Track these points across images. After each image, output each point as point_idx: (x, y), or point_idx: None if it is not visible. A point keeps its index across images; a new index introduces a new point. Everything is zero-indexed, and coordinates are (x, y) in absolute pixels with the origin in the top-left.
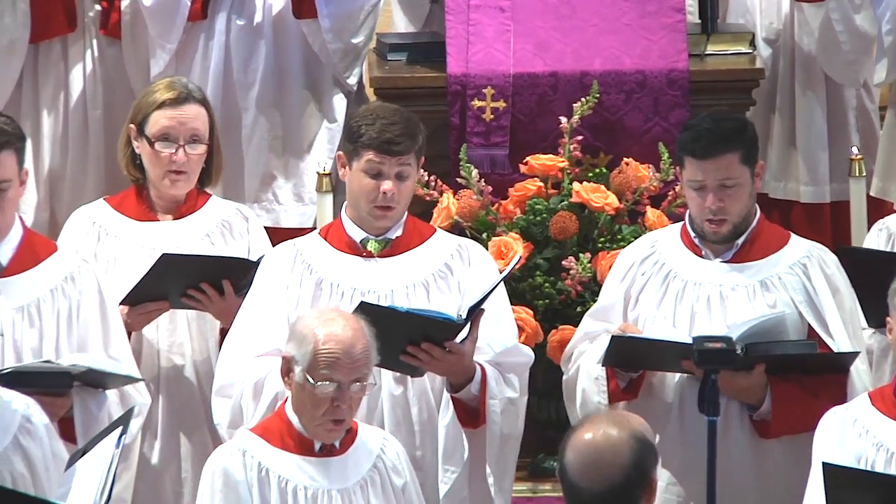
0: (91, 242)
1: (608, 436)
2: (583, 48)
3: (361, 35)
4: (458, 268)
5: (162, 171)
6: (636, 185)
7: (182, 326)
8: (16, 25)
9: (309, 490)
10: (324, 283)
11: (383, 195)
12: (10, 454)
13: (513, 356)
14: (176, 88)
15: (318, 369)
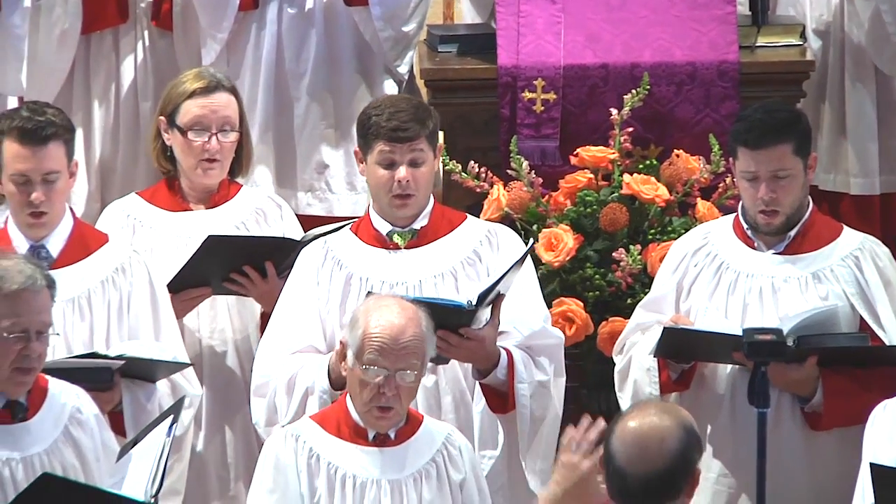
0: (126, 235)
1: (655, 424)
2: (633, 40)
3: (412, 23)
4: (486, 254)
5: (195, 160)
6: (686, 176)
7: (223, 313)
8: (67, 17)
9: (358, 479)
10: (353, 279)
11: (398, 184)
12: (61, 445)
13: (542, 339)
14: (205, 77)
15: (365, 354)
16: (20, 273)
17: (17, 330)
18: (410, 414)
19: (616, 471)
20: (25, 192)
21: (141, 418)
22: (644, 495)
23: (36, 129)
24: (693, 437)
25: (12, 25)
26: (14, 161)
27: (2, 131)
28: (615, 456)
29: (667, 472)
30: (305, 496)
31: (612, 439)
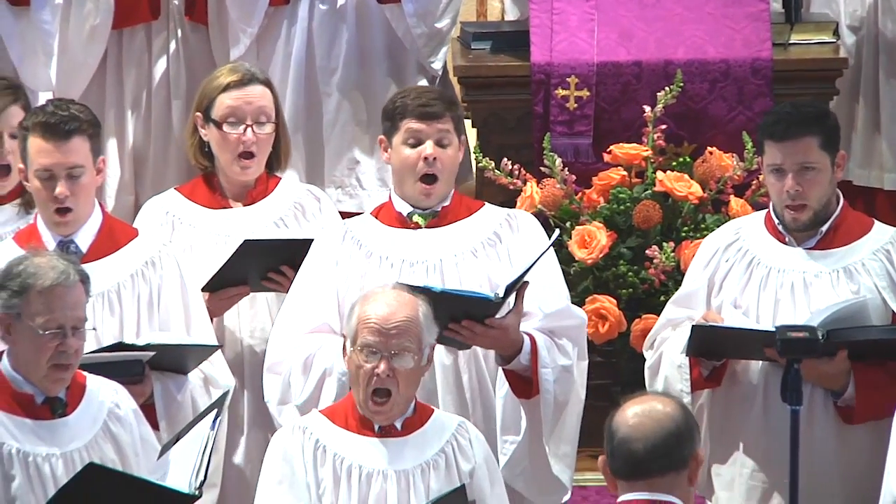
0: (165, 233)
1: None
2: (666, 37)
3: (446, 19)
4: (506, 236)
5: (231, 154)
6: (720, 174)
7: (263, 310)
8: (98, 12)
9: (364, 469)
10: (372, 256)
11: (425, 161)
12: (100, 441)
13: (564, 319)
14: (239, 71)
15: (359, 338)
16: (53, 269)
17: (52, 326)
18: (419, 406)
19: (620, 442)
20: (50, 188)
21: (173, 410)
22: (652, 458)
23: (59, 123)
24: (692, 416)
25: (41, 21)
26: (38, 156)
27: (26, 127)
28: (617, 431)
29: (673, 436)
30: (311, 487)
31: (613, 421)
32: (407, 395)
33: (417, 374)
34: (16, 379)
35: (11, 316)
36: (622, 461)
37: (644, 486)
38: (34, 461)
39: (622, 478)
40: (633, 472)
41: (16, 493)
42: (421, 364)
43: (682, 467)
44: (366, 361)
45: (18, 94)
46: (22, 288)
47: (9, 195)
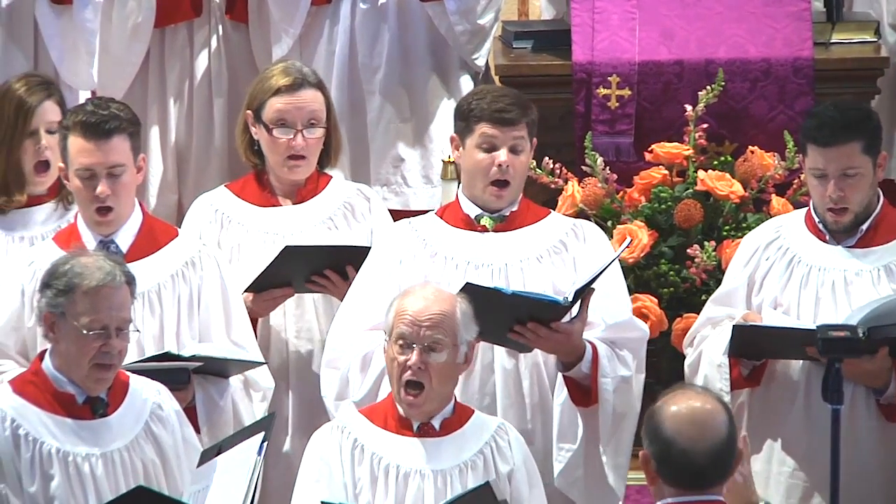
0: (215, 230)
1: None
2: (708, 36)
3: (488, 15)
4: (572, 244)
5: (281, 157)
6: (761, 173)
7: (309, 310)
8: (140, 10)
9: (401, 469)
10: (437, 257)
11: (498, 168)
12: (142, 441)
13: (626, 331)
14: (291, 74)
15: (394, 330)
16: (99, 270)
17: (96, 327)
18: (459, 406)
19: (680, 453)
20: (91, 187)
21: (214, 414)
22: (711, 471)
23: (99, 122)
24: (730, 410)
25: (84, 20)
26: (79, 155)
27: (67, 127)
28: (676, 440)
29: (726, 443)
30: (348, 486)
31: (664, 426)
32: (441, 390)
33: (453, 370)
34: (57, 378)
35: (56, 315)
36: (680, 472)
37: (698, 493)
38: (74, 461)
39: (675, 486)
40: (691, 483)
41: (55, 493)
42: (456, 360)
43: (730, 471)
44: (399, 353)
45: (52, 90)
46: (67, 287)
47: (47, 193)
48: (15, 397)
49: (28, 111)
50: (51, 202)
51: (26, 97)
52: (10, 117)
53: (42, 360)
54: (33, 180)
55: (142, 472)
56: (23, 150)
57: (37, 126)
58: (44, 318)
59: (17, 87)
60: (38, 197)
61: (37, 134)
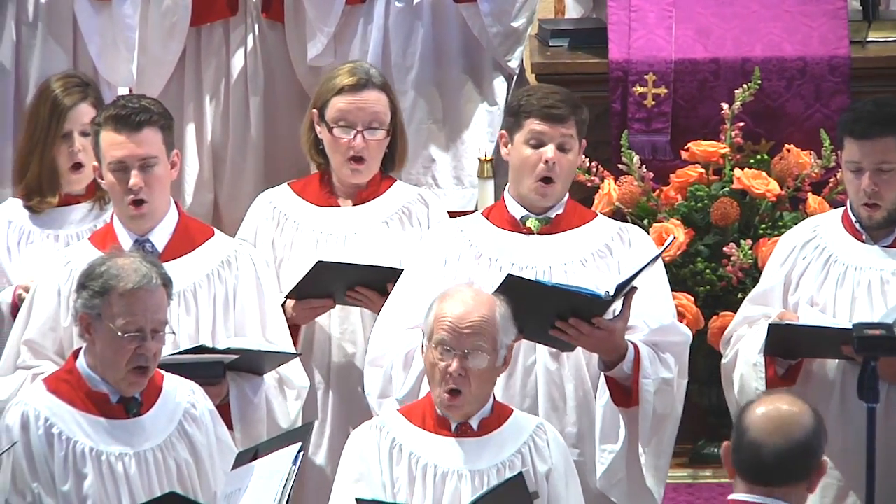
0: (270, 227)
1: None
2: (744, 34)
3: (522, 18)
4: (617, 249)
5: (342, 157)
6: (797, 171)
7: (355, 314)
8: (177, 8)
9: (439, 468)
10: (482, 258)
11: (545, 164)
12: (175, 441)
13: (669, 335)
14: (356, 74)
15: (434, 335)
16: (136, 272)
17: (132, 329)
18: (497, 406)
19: (750, 443)
20: (124, 180)
21: (248, 411)
22: (777, 468)
23: (130, 114)
24: (821, 424)
25: (123, 15)
26: (111, 149)
27: (99, 123)
28: (749, 429)
29: (801, 447)
30: (387, 485)
31: (745, 417)
32: (480, 393)
33: (492, 373)
34: (91, 378)
35: (91, 316)
36: (748, 463)
37: (763, 491)
38: (107, 460)
39: (745, 477)
40: (756, 476)
41: (87, 492)
42: (496, 364)
43: (804, 478)
44: (440, 359)
45: (88, 92)
46: (104, 289)
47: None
48: (49, 396)
49: (62, 113)
50: (87, 202)
51: (61, 98)
52: (44, 118)
53: (76, 359)
54: (69, 179)
55: (175, 471)
56: (56, 151)
57: (70, 128)
58: (80, 319)
59: (55, 86)
60: (75, 196)
61: (70, 136)
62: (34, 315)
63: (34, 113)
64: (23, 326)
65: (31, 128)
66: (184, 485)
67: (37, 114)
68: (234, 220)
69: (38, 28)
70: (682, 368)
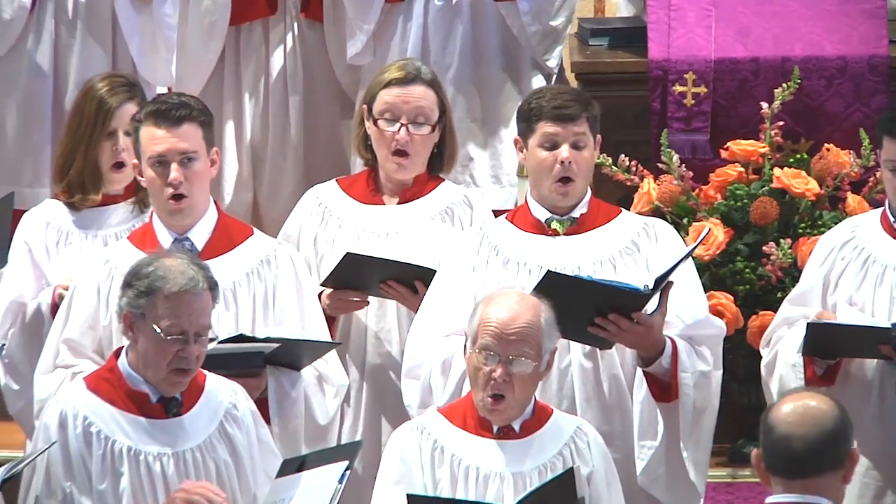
0: (314, 224)
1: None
2: (784, 33)
3: (561, 17)
4: (644, 245)
5: (386, 150)
6: (837, 170)
7: (391, 312)
8: (216, 7)
9: (481, 471)
10: (510, 263)
11: (561, 165)
12: (215, 441)
13: (704, 328)
14: (405, 69)
15: (479, 339)
16: (182, 275)
17: (175, 331)
18: (538, 407)
19: (780, 439)
20: (164, 175)
21: (285, 405)
22: (810, 458)
23: (170, 109)
24: (845, 413)
25: (163, 15)
26: (151, 143)
27: (139, 120)
28: (776, 426)
29: (831, 434)
30: (428, 487)
31: (770, 416)
32: (523, 398)
33: (535, 378)
34: (132, 377)
35: (135, 315)
36: (780, 459)
37: (800, 486)
38: (145, 459)
39: (779, 475)
40: (791, 470)
41: (125, 492)
42: (539, 370)
43: (839, 466)
44: (484, 364)
45: (135, 92)
46: (149, 289)
47: (123, 193)
48: (88, 394)
49: (108, 112)
50: (126, 203)
51: (107, 97)
52: (90, 116)
53: (117, 358)
54: (110, 178)
55: (214, 472)
56: (100, 149)
57: (115, 127)
58: (123, 317)
59: (100, 86)
60: (114, 196)
61: (115, 135)
62: (73, 314)
63: (78, 111)
64: (62, 325)
65: (74, 125)
66: (223, 486)
67: (81, 112)
68: (273, 220)
69: (78, 27)
70: (717, 360)
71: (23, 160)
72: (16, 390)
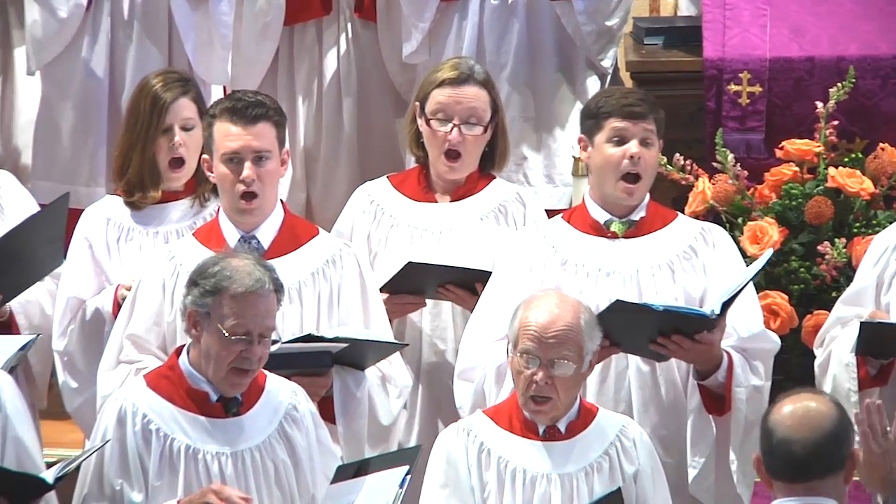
0: (367, 221)
1: (814, 401)
2: (839, 33)
3: (616, 17)
4: (702, 250)
5: (438, 150)
6: (892, 170)
7: (446, 312)
8: (270, 8)
9: (528, 473)
10: (568, 264)
11: (630, 160)
12: (274, 442)
13: (759, 342)
14: (459, 69)
15: (520, 343)
16: (249, 276)
17: (239, 332)
18: (584, 407)
19: (779, 443)
20: (237, 172)
21: (350, 405)
22: (812, 461)
23: (246, 107)
24: (846, 415)
25: (220, 13)
26: (225, 140)
27: (213, 115)
28: (776, 429)
29: (832, 436)
30: (476, 490)
31: (769, 420)
32: (567, 399)
33: (578, 379)
34: (192, 375)
35: (200, 314)
36: (781, 463)
37: (802, 490)
38: (203, 458)
39: (781, 479)
40: (792, 474)
41: (181, 490)
42: (581, 371)
43: (840, 468)
44: (525, 367)
45: (189, 87)
46: (215, 289)
47: (183, 189)
48: (148, 392)
49: (163, 108)
50: (186, 199)
51: (162, 93)
52: (145, 113)
53: (179, 356)
54: (168, 176)
55: (273, 472)
56: (157, 146)
57: (171, 123)
58: (187, 315)
59: (154, 82)
60: (174, 193)
61: (171, 131)
62: (137, 309)
63: (134, 109)
64: (126, 320)
65: (131, 124)
66: (281, 487)
67: (137, 109)
68: (326, 220)
69: (134, 26)
70: (768, 373)
71: (78, 159)
72: (74, 388)
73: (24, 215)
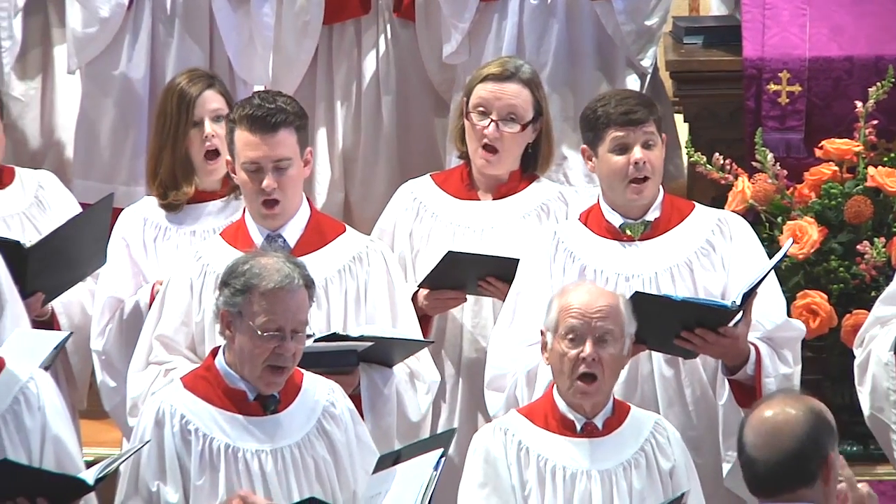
0: (409, 218)
1: (786, 411)
2: (878, 32)
3: (655, 17)
4: (719, 244)
5: (476, 144)
6: None
7: (487, 307)
8: (310, 7)
9: (568, 470)
10: (587, 270)
11: (635, 166)
12: (314, 439)
13: (784, 331)
14: (505, 66)
15: (561, 326)
16: (278, 272)
17: (271, 328)
18: (617, 404)
19: (746, 462)
20: (257, 181)
21: (378, 402)
22: (775, 481)
23: (266, 116)
24: (823, 422)
25: (261, 14)
26: (245, 149)
27: (234, 120)
28: (745, 445)
29: (794, 456)
30: (516, 488)
31: (742, 433)
32: (610, 383)
33: (619, 363)
34: (229, 375)
35: (233, 314)
36: (749, 479)
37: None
38: (243, 457)
39: (753, 494)
40: (762, 492)
41: (222, 488)
42: (622, 353)
43: (810, 480)
44: (570, 348)
45: (213, 81)
46: (245, 287)
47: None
48: (186, 393)
49: (190, 102)
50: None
51: (188, 88)
52: (173, 110)
53: (214, 357)
54: (205, 169)
55: (313, 469)
56: (189, 141)
57: (201, 116)
58: (220, 316)
59: (179, 80)
60: (211, 192)
61: (201, 124)
62: (166, 310)
63: (162, 111)
64: (155, 321)
65: (160, 124)
66: (322, 483)
67: (165, 110)
68: (365, 220)
69: (175, 26)
70: (796, 359)
71: (118, 159)
72: (112, 387)
73: (67, 215)
